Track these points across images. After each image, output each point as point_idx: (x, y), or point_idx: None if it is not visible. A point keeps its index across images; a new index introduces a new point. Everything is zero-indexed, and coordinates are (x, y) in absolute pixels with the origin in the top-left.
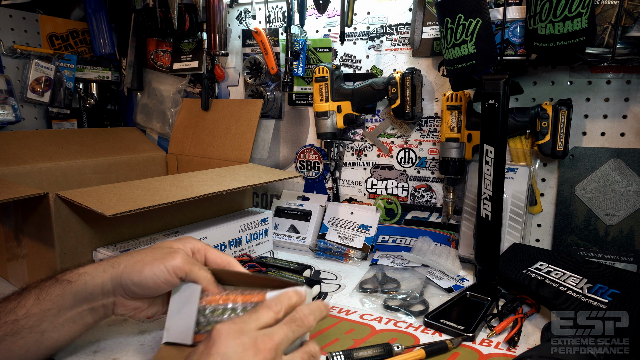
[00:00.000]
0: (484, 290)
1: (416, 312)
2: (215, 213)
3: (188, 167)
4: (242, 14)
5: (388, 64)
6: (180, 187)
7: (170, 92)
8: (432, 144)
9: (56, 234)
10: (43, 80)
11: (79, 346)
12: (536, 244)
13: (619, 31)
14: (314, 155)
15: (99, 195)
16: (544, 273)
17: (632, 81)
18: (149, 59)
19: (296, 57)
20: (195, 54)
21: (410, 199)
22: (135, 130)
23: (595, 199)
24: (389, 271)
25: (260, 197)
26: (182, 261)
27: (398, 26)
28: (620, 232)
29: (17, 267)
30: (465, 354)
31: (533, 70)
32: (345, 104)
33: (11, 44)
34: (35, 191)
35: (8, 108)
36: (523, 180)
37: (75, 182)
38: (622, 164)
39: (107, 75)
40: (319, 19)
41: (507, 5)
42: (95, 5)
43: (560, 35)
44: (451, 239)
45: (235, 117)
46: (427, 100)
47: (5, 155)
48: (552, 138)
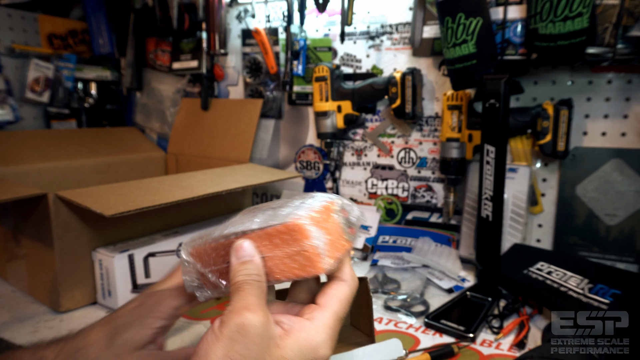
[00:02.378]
0: (484, 291)
1: (417, 312)
2: (215, 213)
3: (187, 167)
4: (242, 13)
5: (388, 63)
6: (179, 187)
7: (169, 91)
8: (433, 144)
9: (55, 234)
10: (42, 80)
11: None
12: (537, 244)
13: (619, 31)
14: (314, 155)
15: (98, 195)
16: (545, 273)
17: (633, 81)
18: (148, 58)
19: (296, 56)
20: (194, 53)
21: (410, 199)
22: (134, 130)
23: (596, 199)
24: (390, 272)
25: (260, 197)
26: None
27: (398, 25)
28: (621, 232)
29: (16, 267)
30: (466, 354)
31: (534, 70)
32: (345, 104)
33: (10, 44)
34: (34, 191)
35: (7, 108)
36: (524, 181)
37: (74, 182)
38: (623, 164)
39: (107, 75)
40: (319, 18)
41: (507, 4)
42: (94, 4)
43: (561, 35)
44: (452, 240)
45: (234, 116)
46: (428, 100)
47: (4, 155)
48: (553, 138)
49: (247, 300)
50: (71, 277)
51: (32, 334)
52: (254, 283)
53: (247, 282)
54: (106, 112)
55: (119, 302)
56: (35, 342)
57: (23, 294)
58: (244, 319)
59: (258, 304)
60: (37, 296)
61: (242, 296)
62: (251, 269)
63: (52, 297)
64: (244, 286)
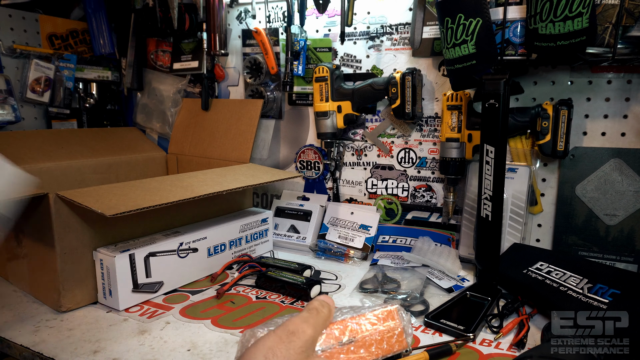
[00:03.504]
0: (484, 290)
1: (416, 312)
2: (216, 213)
3: (188, 167)
4: (242, 13)
5: (388, 63)
6: (180, 187)
7: (170, 92)
8: (433, 144)
9: (56, 234)
10: (43, 80)
11: (79, 346)
12: (536, 244)
13: (619, 31)
14: (314, 155)
15: (99, 195)
16: (545, 273)
17: (632, 81)
18: (149, 58)
19: (296, 56)
20: (195, 53)
21: (410, 199)
22: (135, 130)
23: (595, 199)
24: (389, 271)
25: (261, 197)
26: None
27: (398, 26)
28: (621, 232)
29: (18, 267)
30: (466, 353)
31: (533, 70)
32: (345, 104)
33: (11, 44)
34: (35, 191)
35: (8, 108)
36: (523, 180)
37: (75, 182)
38: (623, 164)
39: (107, 75)
40: (319, 18)
41: (507, 5)
42: (95, 5)
43: (560, 35)
44: (451, 239)
45: (235, 117)
46: (428, 100)
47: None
48: (552, 138)
49: (307, 318)
50: (72, 277)
51: (33, 334)
52: (322, 314)
53: (318, 309)
54: (107, 112)
55: (120, 302)
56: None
57: (24, 294)
58: (297, 328)
59: (314, 325)
60: (38, 296)
61: (307, 316)
62: (325, 307)
63: (53, 296)
64: (313, 311)
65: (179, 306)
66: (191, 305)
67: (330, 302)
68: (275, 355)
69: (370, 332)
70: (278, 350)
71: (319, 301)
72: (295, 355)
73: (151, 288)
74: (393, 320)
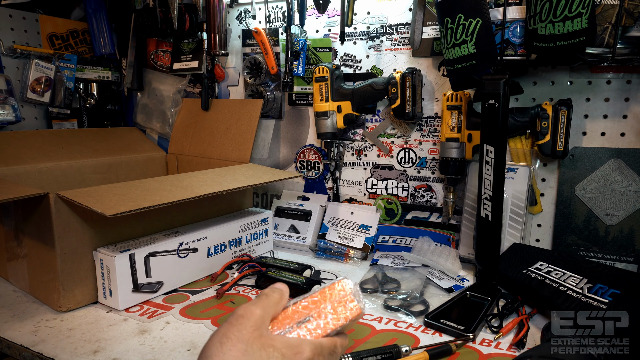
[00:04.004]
0: (484, 290)
1: (416, 312)
2: (216, 213)
3: (188, 167)
4: (242, 13)
5: (388, 63)
6: (180, 187)
7: (170, 92)
8: (432, 144)
9: (56, 233)
10: (43, 80)
11: (79, 346)
12: (536, 244)
13: (619, 31)
14: (314, 155)
15: (99, 195)
16: (544, 273)
17: (632, 81)
18: (149, 59)
19: (296, 57)
20: (195, 53)
21: (410, 199)
22: (135, 130)
23: (595, 199)
24: (389, 271)
25: (261, 197)
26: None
27: (398, 26)
28: (621, 232)
29: (18, 267)
30: (466, 353)
31: (533, 70)
32: (345, 104)
33: (11, 44)
34: (35, 191)
35: (8, 108)
36: (523, 180)
37: (75, 182)
38: (623, 164)
39: (107, 75)
40: (319, 18)
41: (507, 5)
42: (95, 5)
43: (560, 35)
44: (451, 239)
45: (235, 117)
46: (427, 100)
47: (5, 155)
48: (552, 138)
49: (256, 302)
50: (72, 277)
51: (33, 334)
52: (272, 297)
53: (267, 294)
54: (107, 112)
55: (119, 302)
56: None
57: (24, 294)
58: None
59: (263, 306)
60: (38, 296)
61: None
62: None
63: (53, 296)
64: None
65: (179, 306)
66: (191, 305)
67: (283, 287)
68: (229, 338)
69: (322, 304)
70: (231, 333)
71: (270, 287)
72: (247, 334)
73: (151, 288)
74: (343, 291)
